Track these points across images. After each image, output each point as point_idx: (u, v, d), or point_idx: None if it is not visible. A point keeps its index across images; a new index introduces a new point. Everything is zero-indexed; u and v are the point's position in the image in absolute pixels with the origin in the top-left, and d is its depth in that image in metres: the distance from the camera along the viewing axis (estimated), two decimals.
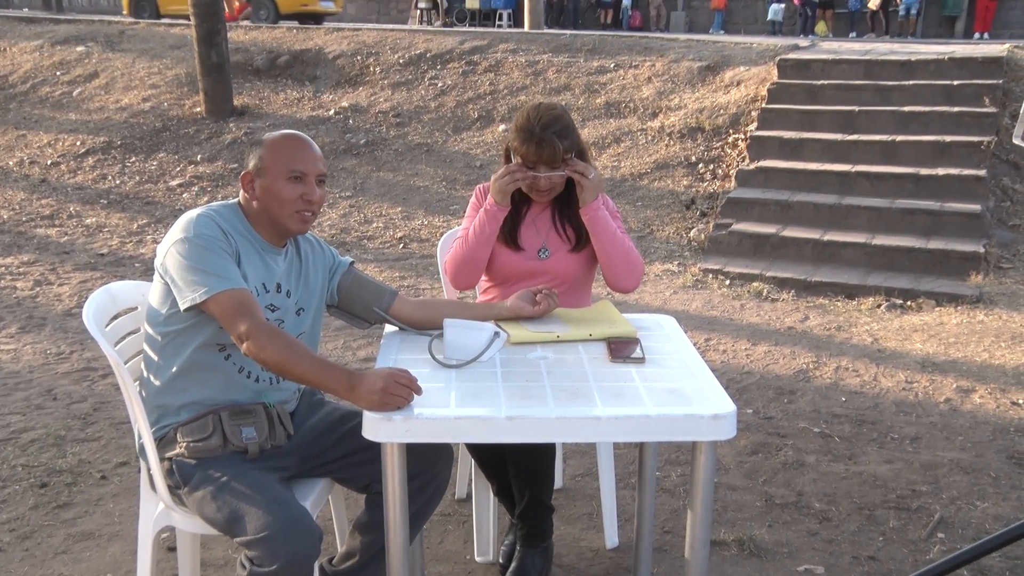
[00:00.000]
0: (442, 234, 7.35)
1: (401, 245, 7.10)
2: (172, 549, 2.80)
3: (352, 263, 2.51)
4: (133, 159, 9.22)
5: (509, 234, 2.72)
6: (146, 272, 6.46)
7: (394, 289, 2.50)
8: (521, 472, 2.63)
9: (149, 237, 7.38)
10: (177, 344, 2.18)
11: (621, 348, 2.35)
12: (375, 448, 2.07)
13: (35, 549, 2.91)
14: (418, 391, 1.99)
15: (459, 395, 2.07)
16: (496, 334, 2.30)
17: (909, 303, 5.69)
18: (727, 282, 6.25)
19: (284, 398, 2.33)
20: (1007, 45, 8.55)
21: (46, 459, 3.53)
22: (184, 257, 2.09)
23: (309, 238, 2.42)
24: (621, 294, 3.25)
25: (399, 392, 1.95)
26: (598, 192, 2.64)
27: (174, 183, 8.65)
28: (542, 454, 2.60)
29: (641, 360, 2.30)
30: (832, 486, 3.44)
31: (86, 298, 5.99)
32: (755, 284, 6.08)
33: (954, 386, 4.39)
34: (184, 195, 8.41)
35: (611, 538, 3.01)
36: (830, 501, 3.33)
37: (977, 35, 18.95)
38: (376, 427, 1.96)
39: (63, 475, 3.41)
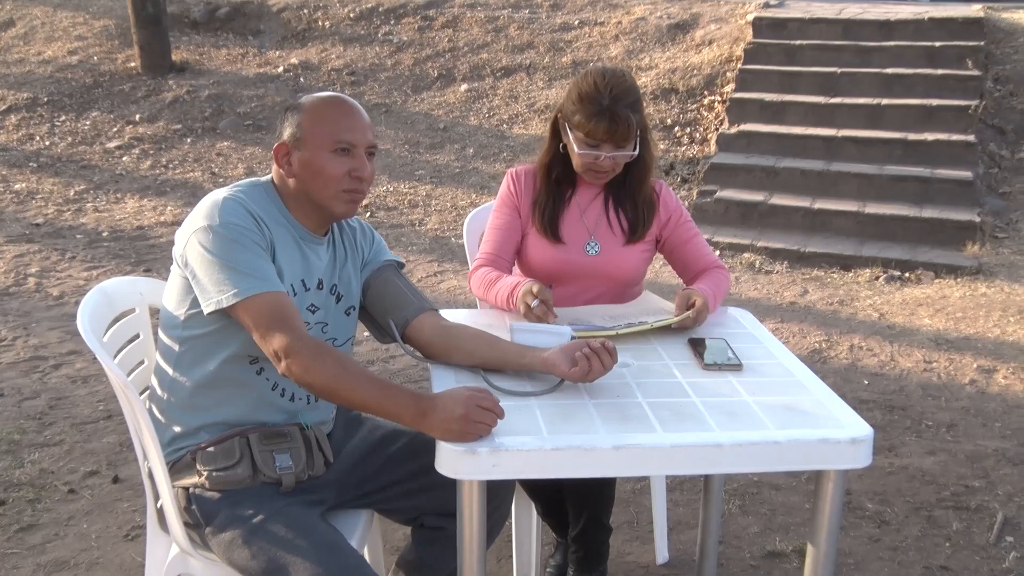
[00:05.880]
0: (410, 202, 6.93)
1: (368, 214, 6.65)
2: None
3: (394, 263, 2.03)
4: (63, 118, 8.52)
5: (549, 224, 2.33)
6: (89, 244, 5.90)
7: (431, 304, 1.99)
8: (581, 490, 2.29)
9: (89, 204, 6.78)
10: (199, 353, 1.77)
11: (697, 346, 2.05)
12: (427, 476, 1.72)
13: None
14: (501, 414, 1.64)
15: (547, 418, 1.71)
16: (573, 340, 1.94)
17: (907, 274, 5.48)
18: (717, 252, 5.97)
19: (322, 418, 1.93)
20: (980, 6, 8.36)
21: (0, 469, 3.07)
22: (208, 250, 1.68)
23: (352, 222, 2.01)
24: None
25: (482, 418, 1.60)
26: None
27: (111, 145, 8.01)
28: None
29: (738, 367, 1.98)
30: (880, 482, 3.19)
31: (24, 276, 5.38)
32: (747, 255, 5.82)
33: (975, 366, 4.18)
34: (124, 158, 7.78)
35: (662, 552, 2.71)
36: (883, 501, 3.07)
37: None
38: (456, 462, 1.60)
39: (23, 489, 2.95)
